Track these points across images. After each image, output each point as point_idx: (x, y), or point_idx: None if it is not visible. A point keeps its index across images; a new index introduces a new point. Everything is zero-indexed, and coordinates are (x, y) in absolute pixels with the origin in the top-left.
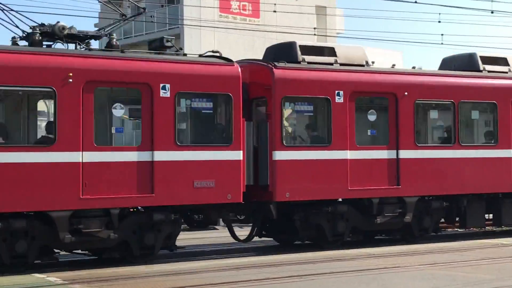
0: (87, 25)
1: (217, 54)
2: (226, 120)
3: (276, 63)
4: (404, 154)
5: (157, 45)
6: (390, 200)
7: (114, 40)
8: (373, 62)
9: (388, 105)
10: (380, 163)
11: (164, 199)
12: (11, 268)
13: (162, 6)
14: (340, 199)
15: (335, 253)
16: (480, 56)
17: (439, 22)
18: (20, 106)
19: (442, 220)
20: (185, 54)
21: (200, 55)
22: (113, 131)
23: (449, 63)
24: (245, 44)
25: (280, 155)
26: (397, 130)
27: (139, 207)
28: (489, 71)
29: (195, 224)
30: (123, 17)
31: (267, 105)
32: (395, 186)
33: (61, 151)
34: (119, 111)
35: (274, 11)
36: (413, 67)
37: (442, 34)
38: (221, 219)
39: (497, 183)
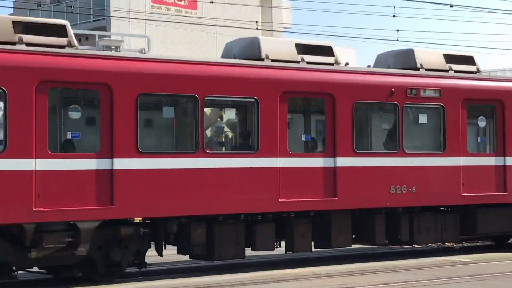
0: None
1: None
2: None
3: None
4: None
5: None
6: None
7: None
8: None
9: None
10: None
11: None
12: None
13: None
14: None
15: (278, 273)
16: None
17: (394, 16)
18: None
19: None
20: None
21: None
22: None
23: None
24: (180, 38)
25: None
26: None
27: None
28: None
29: None
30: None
31: None
32: None
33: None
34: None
35: (211, 2)
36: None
37: (397, 30)
38: None
39: None
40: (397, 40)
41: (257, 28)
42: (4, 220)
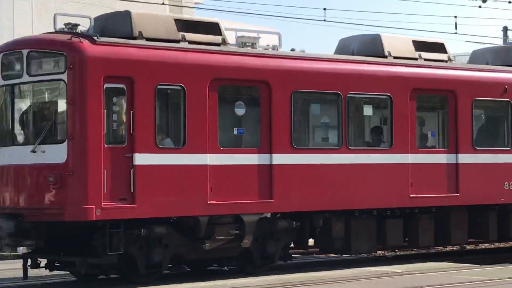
0: None
1: None
2: None
3: None
4: None
5: None
6: None
7: None
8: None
9: None
10: None
11: None
12: None
13: None
14: None
15: (188, 285)
16: None
17: None
18: None
19: None
20: None
21: None
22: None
23: None
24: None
25: None
26: None
27: None
28: None
29: None
30: None
31: None
32: None
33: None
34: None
35: None
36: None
37: (324, 9)
38: None
39: None
40: (324, 20)
41: (163, 3)
42: (182, 213)
